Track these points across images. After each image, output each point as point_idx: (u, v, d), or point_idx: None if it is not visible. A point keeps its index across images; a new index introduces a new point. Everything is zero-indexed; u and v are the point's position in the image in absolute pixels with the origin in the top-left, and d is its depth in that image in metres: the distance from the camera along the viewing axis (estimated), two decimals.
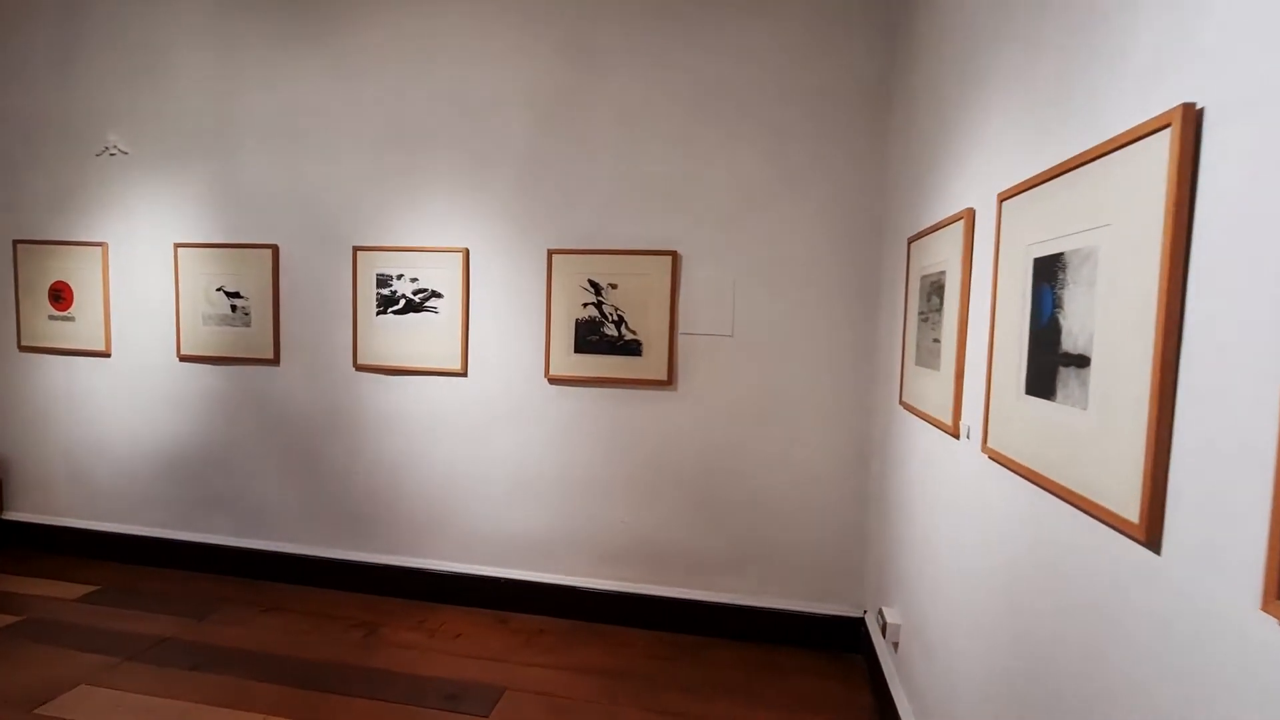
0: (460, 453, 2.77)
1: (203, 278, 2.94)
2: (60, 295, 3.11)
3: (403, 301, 2.77)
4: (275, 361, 2.91)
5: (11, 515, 3.25)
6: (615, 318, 2.60)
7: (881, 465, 2.33)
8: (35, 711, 1.98)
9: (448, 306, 2.72)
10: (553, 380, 2.66)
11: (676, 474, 2.61)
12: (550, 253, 2.62)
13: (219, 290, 2.94)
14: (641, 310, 2.58)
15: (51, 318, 3.13)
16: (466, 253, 2.69)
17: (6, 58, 3.11)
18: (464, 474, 2.77)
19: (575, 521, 2.69)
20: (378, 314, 2.79)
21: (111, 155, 2.99)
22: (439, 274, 2.72)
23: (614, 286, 2.59)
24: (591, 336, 2.62)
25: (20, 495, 3.26)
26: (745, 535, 2.57)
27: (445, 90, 2.68)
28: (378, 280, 2.78)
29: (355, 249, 2.78)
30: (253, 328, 2.92)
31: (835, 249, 2.46)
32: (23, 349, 3.17)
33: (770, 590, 2.57)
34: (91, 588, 2.84)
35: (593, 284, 2.61)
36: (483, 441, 2.75)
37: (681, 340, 2.57)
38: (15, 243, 3.13)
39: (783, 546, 2.55)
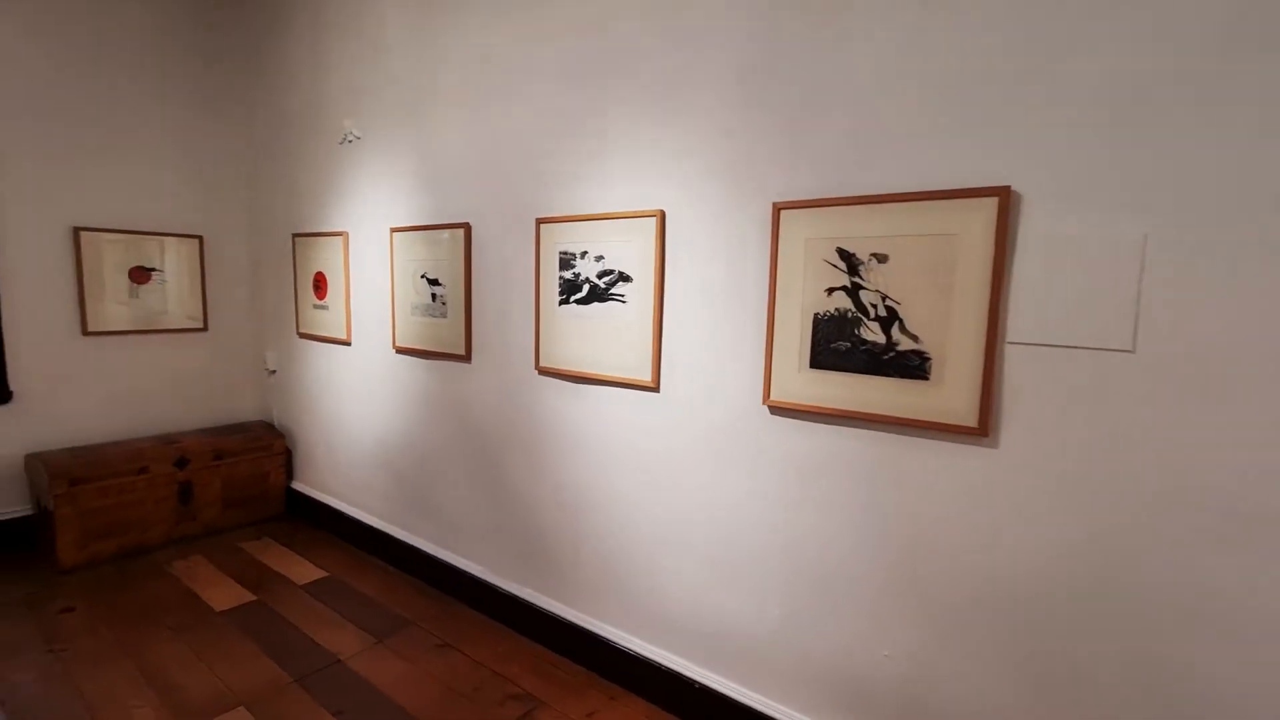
0: (647, 493, 2.02)
1: (411, 263, 2.72)
2: (319, 285, 3.26)
3: (586, 288, 2.11)
4: (467, 358, 2.54)
5: (296, 485, 3.61)
6: (882, 312, 1.53)
7: None
8: None
9: (637, 294, 1.97)
10: (775, 408, 1.72)
11: (995, 602, 1.44)
12: (776, 208, 1.66)
13: (422, 277, 2.69)
14: (931, 300, 1.46)
15: (315, 307, 3.30)
16: (661, 217, 1.90)
17: (275, 62, 3.34)
18: (651, 520, 2.01)
19: (806, 633, 1.73)
20: (560, 303, 2.19)
21: (349, 142, 2.96)
22: (628, 249, 1.99)
23: (881, 259, 1.52)
24: (840, 343, 1.59)
25: (301, 468, 3.59)
26: None
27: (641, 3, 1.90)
28: (560, 260, 2.17)
29: (538, 221, 2.21)
30: (448, 318, 2.60)
31: None
32: (300, 335, 3.43)
33: None
34: (321, 574, 2.88)
35: (844, 256, 1.57)
36: (675, 483, 1.95)
37: (1009, 355, 1.39)
38: (294, 236, 3.38)
39: None
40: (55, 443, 3.07)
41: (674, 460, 1.95)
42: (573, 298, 2.15)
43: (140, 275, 3.32)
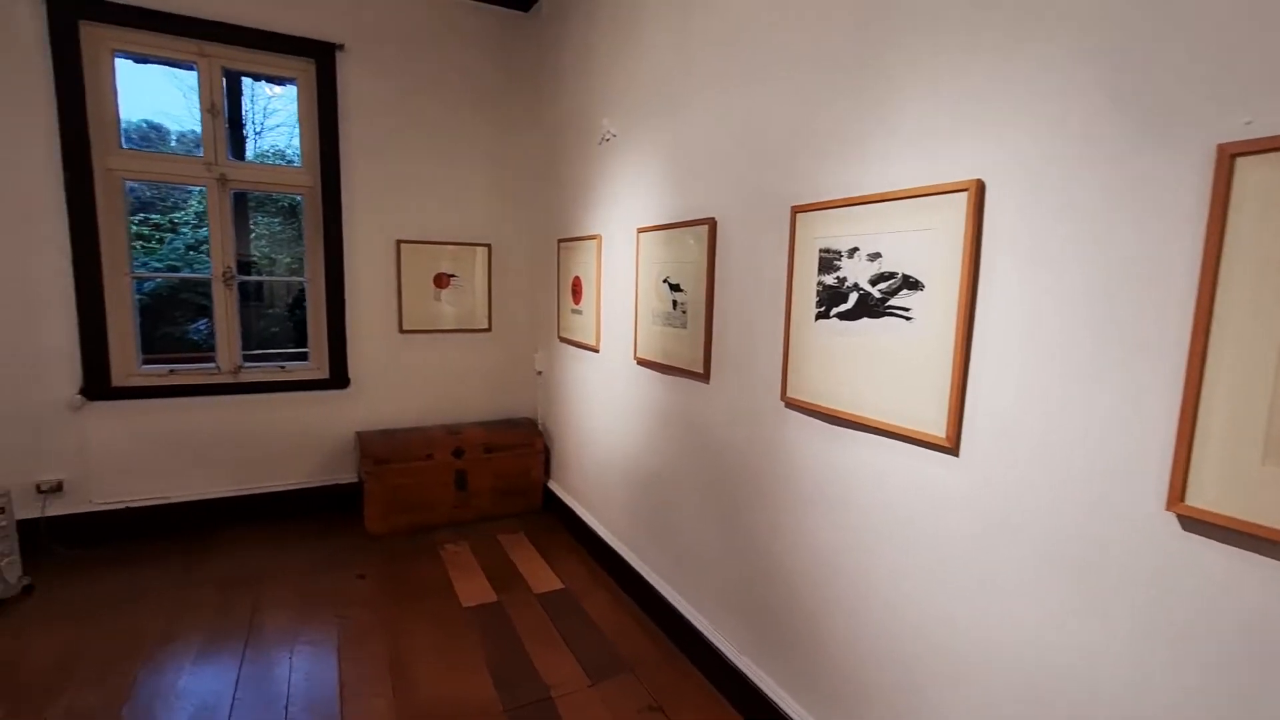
0: (932, 593, 1.37)
1: (655, 266, 2.46)
2: (576, 290, 3.23)
3: (853, 297, 1.54)
4: (705, 377, 2.16)
5: (552, 485, 3.70)
6: None
7: None
8: None
9: (931, 308, 1.34)
10: (1196, 521, 0.95)
11: None
12: (1229, 155, 0.89)
13: (664, 281, 2.39)
14: None
15: (572, 311, 3.30)
16: (976, 192, 1.23)
17: (554, 73, 3.39)
18: (935, 633, 1.36)
19: None
20: (817, 317, 1.65)
21: (606, 141, 2.83)
22: (918, 242, 1.36)
23: None
24: None
25: (557, 469, 3.66)
26: None
27: None
28: (820, 260, 1.63)
29: (794, 210, 1.71)
30: (688, 329, 2.25)
31: None
32: (560, 340, 3.48)
33: None
34: (558, 586, 2.82)
35: None
36: (981, 594, 1.27)
37: None
38: (559, 241, 3.43)
39: None
40: (376, 424, 3.61)
41: (981, 561, 1.27)
42: (834, 310, 1.59)
43: (442, 280, 3.72)
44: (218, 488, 3.29)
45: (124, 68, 3.03)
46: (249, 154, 7.31)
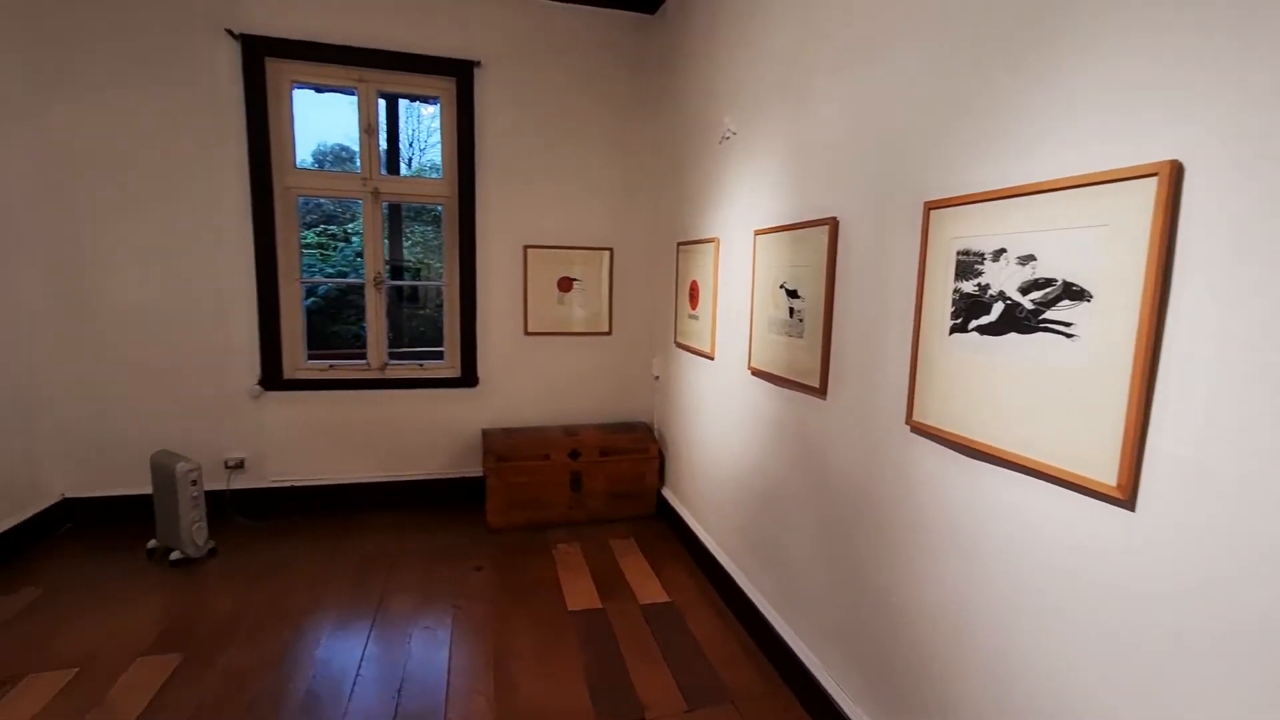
0: (1107, 694, 1.11)
1: (771, 270, 2.30)
2: (693, 294, 3.14)
3: (998, 308, 1.29)
4: (821, 391, 1.97)
5: (665, 492, 3.63)
6: None
7: None
8: None
9: (1100, 322, 1.08)
10: None
11: None
12: None
13: (781, 287, 2.23)
14: None
15: (689, 317, 3.21)
16: (1171, 176, 0.97)
17: (678, 72, 3.31)
18: None
19: None
20: (952, 330, 1.42)
21: (726, 139, 2.71)
22: (1085, 242, 1.11)
23: None
24: None
25: (670, 476, 3.59)
26: None
27: None
28: (958, 264, 1.40)
29: (927, 207, 1.49)
30: (804, 339, 2.07)
31: None
32: (677, 345, 3.40)
33: None
34: (663, 599, 2.74)
35: None
36: (1178, 705, 1.00)
37: None
38: (678, 245, 3.35)
39: None
40: (500, 422, 3.77)
41: (1165, 653, 1.00)
42: (973, 323, 1.36)
43: (565, 284, 3.80)
44: (363, 473, 3.61)
45: (308, 97, 3.42)
46: (409, 168, 8.07)
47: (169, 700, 2.01)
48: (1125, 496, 1.04)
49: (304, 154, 8.18)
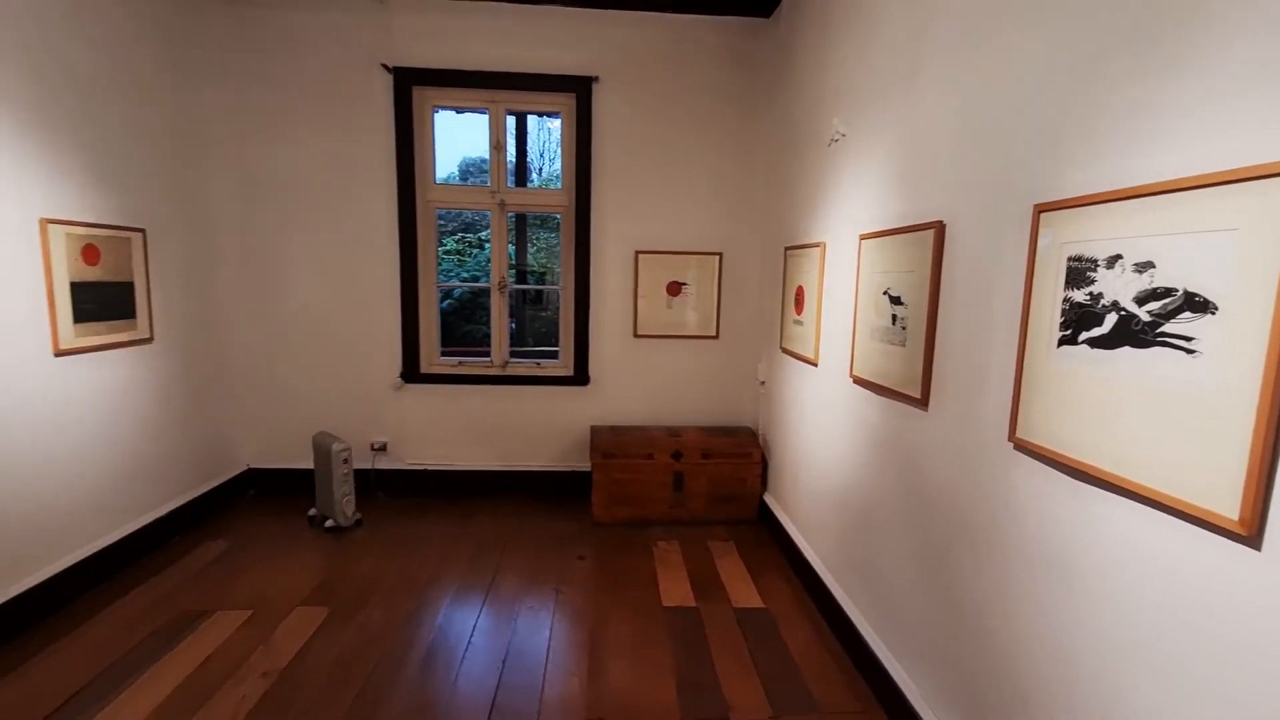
0: None
1: (875, 276, 2.22)
2: (799, 300, 3.09)
3: (1111, 320, 1.19)
4: (923, 403, 1.89)
5: (767, 498, 3.60)
6: None
7: None
8: None
9: (1227, 337, 0.97)
10: None
11: None
12: None
13: (884, 294, 2.15)
14: None
15: (794, 322, 3.16)
16: None
17: (788, 76, 3.26)
18: None
19: None
20: (1060, 342, 1.32)
21: (835, 141, 2.65)
22: (1212, 247, 1.00)
23: None
24: None
25: (772, 482, 3.55)
26: None
27: None
28: (1069, 271, 1.30)
29: (1037, 210, 1.39)
30: (906, 347, 1.99)
31: None
32: (782, 350, 3.36)
33: None
34: (758, 604, 2.74)
35: None
36: None
37: None
38: (785, 249, 3.31)
39: None
40: (607, 420, 3.93)
41: None
42: (1083, 335, 1.26)
43: (674, 288, 3.89)
44: (484, 461, 3.93)
45: (449, 118, 3.79)
46: (539, 178, 8.58)
47: (317, 646, 2.34)
48: (1249, 533, 0.92)
49: (450, 167, 8.99)
